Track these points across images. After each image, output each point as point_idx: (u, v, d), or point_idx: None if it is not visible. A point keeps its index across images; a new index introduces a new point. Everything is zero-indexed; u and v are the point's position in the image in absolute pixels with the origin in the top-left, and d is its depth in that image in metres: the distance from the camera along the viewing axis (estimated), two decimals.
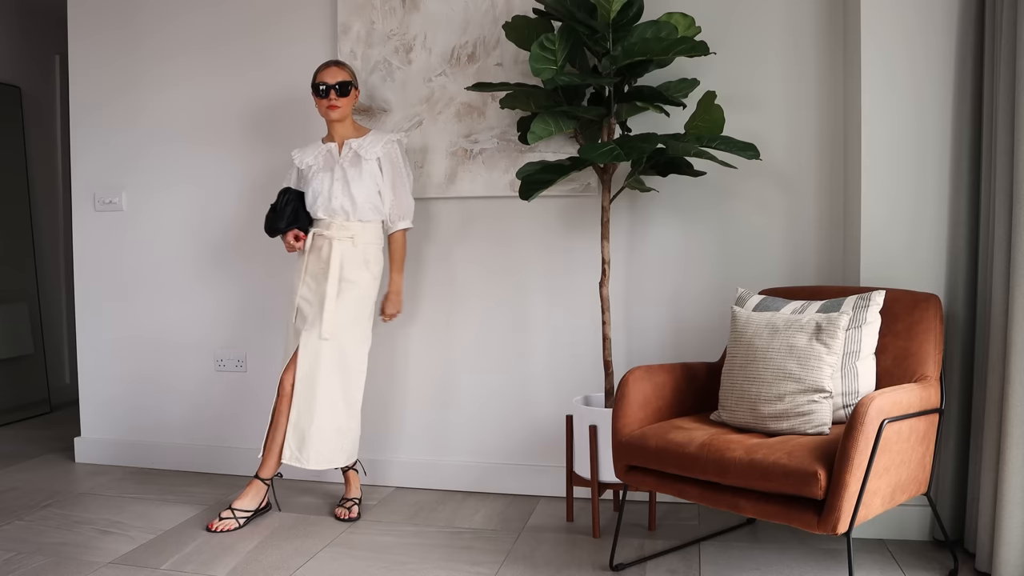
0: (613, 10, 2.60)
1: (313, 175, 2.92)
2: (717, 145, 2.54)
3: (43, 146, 4.87)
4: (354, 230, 2.89)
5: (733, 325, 2.41)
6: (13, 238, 4.57)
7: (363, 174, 2.88)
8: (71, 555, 2.57)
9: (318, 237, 2.91)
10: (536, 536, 2.74)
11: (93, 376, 3.68)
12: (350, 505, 2.95)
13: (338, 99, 2.88)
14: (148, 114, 3.56)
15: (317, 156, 2.96)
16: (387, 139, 2.94)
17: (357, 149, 2.91)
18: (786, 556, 2.53)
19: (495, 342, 3.21)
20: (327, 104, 2.89)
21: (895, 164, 2.62)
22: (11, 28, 4.63)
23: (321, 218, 2.91)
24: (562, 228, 3.14)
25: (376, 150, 2.91)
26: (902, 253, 2.61)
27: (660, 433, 2.27)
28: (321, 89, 2.88)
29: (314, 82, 2.90)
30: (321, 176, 2.91)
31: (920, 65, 2.58)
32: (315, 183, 2.91)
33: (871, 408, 1.94)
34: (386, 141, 2.94)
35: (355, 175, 2.88)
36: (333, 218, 2.89)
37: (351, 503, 2.97)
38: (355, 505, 2.96)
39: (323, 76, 2.89)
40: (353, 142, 2.92)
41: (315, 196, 2.90)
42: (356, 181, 2.87)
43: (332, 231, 2.88)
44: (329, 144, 2.97)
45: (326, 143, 2.98)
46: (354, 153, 2.91)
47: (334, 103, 2.88)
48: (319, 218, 2.92)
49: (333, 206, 2.88)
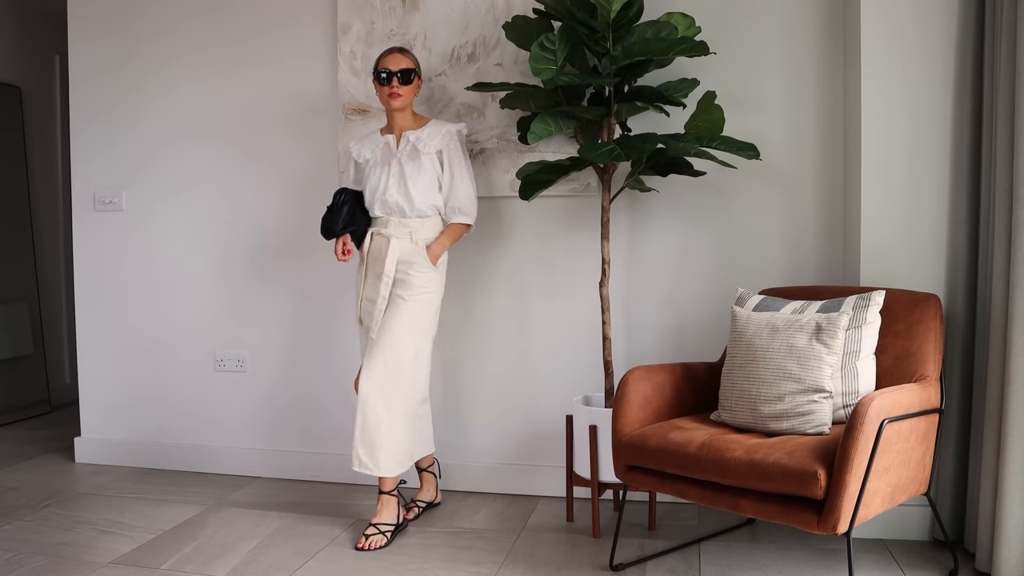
0: (613, 10, 2.60)
1: (370, 170, 2.81)
2: (717, 145, 2.54)
3: (43, 146, 4.87)
4: (412, 226, 2.76)
5: (733, 325, 2.41)
6: (13, 238, 4.57)
7: (421, 168, 2.74)
8: (71, 555, 2.57)
9: (377, 236, 2.79)
10: (536, 536, 2.74)
11: (93, 376, 3.69)
12: (411, 505, 2.95)
13: (400, 87, 2.73)
14: (149, 114, 3.56)
15: (375, 149, 2.83)
16: (446, 130, 2.80)
17: (415, 142, 2.77)
18: (786, 556, 2.53)
19: (495, 342, 3.21)
20: (388, 92, 2.73)
21: (895, 164, 2.62)
22: (11, 28, 4.63)
23: (379, 216, 2.80)
24: (562, 228, 3.14)
25: (435, 142, 2.77)
26: (902, 253, 2.61)
27: (660, 433, 2.27)
28: (383, 76, 2.73)
29: (376, 68, 2.76)
30: (378, 171, 2.78)
31: (920, 65, 2.58)
32: (372, 179, 2.79)
33: (871, 408, 1.94)
34: (445, 132, 2.79)
35: (413, 170, 2.74)
36: (390, 215, 2.77)
37: (415, 505, 2.95)
38: (416, 507, 2.94)
39: (386, 62, 2.75)
40: (411, 134, 2.78)
41: (372, 192, 2.78)
42: (414, 176, 2.74)
43: (390, 228, 2.76)
44: (387, 136, 2.83)
45: (384, 135, 2.85)
46: (411, 146, 2.77)
47: (396, 91, 2.73)
48: (376, 216, 2.81)
49: (389, 202, 2.75)
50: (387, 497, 2.74)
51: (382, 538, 2.66)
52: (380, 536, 2.66)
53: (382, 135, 2.86)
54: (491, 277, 3.21)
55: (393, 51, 2.78)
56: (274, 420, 3.45)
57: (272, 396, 3.45)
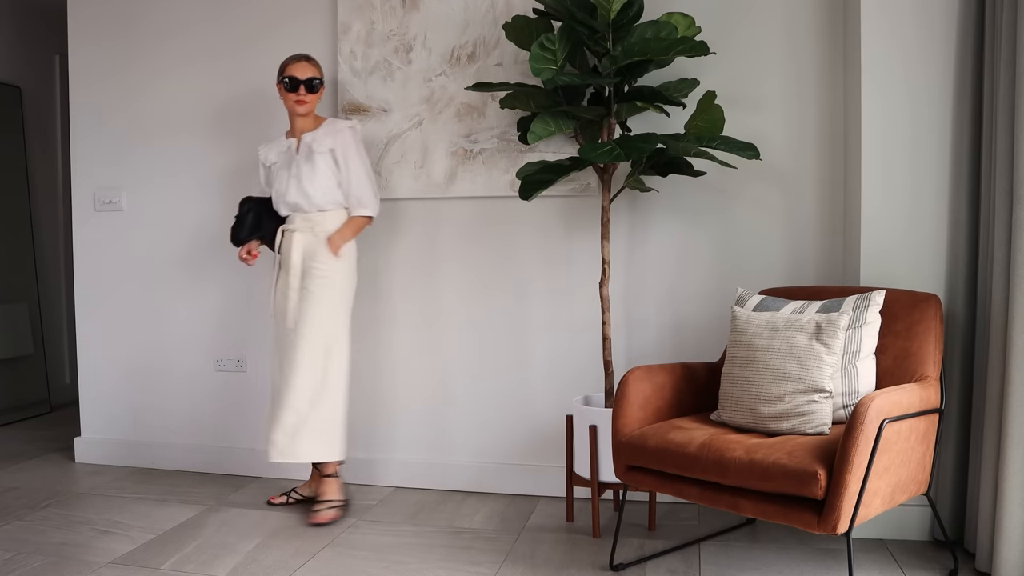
0: (613, 10, 2.60)
1: (276, 172, 2.95)
2: (717, 145, 2.54)
3: (43, 146, 4.87)
4: (314, 220, 2.89)
5: (733, 325, 2.41)
6: (13, 238, 4.57)
7: (316, 168, 2.86)
8: (71, 555, 2.57)
9: (286, 233, 2.93)
10: (536, 536, 2.74)
11: (93, 376, 3.69)
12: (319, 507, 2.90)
13: (307, 95, 2.87)
14: (148, 114, 3.56)
15: (279, 153, 2.97)
16: (337, 129, 2.91)
17: (310, 143, 2.89)
18: (786, 556, 2.53)
19: (495, 342, 3.21)
20: (295, 99, 2.86)
21: (895, 164, 2.62)
22: (11, 28, 4.63)
23: (286, 215, 2.95)
24: (562, 228, 3.14)
25: (328, 141, 2.88)
26: (902, 253, 2.61)
27: (660, 433, 2.27)
28: (290, 83, 2.85)
29: (283, 75, 2.87)
30: (281, 174, 2.93)
31: (920, 65, 2.58)
32: (277, 181, 2.94)
33: (871, 408, 1.94)
34: (336, 131, 2.90)
35: (308, 171, 2.86)
36: (295, 212, 2.92)
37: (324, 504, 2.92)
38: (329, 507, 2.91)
39: (293, 70, 2.86)
40: (307, 136, 2.91)
41: (277, 194, 2.93)
42: (309, 176, 2.86)
43: (295, 224, 2.91)
44: (290, 140, 2.97)
45: (288, 138, 2.98)
46: (307, 147, 2.89)
47: (303, 98, 2.87)
48: (284, 215, 2.95)
49: (290, 202, 2.90)
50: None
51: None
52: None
53: (286, 138, 2.99)
54: (491, 277, 3.21)
55: (300, 59, 2.90)
56: None
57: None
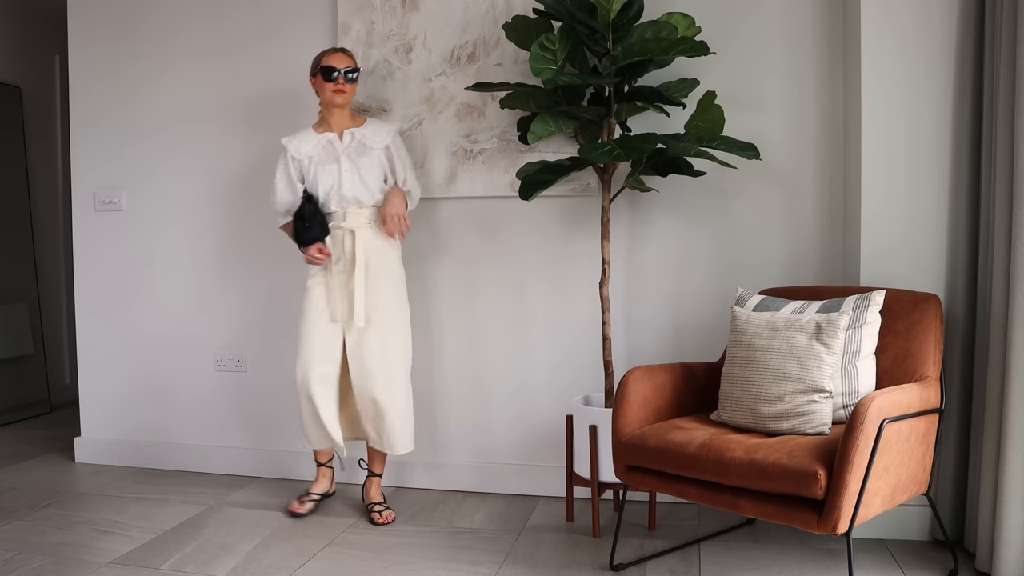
0: (613, 10, 2.60)
1: (316, 167, 2.88)
2: (717, 145, 2.54)
3: (43, 146, 4.87)
4: (371, 215, 2.89)
5: (733, 325, 2.41)
6: (13, 238, 4.57)
7: (372, 163, 2.88)
8: (71, 555, 2.57)
9: (336, 230, 2.89)
10: (536, 536, 2.74)
11: (93, 376, 3.69)
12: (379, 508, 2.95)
13: (346, 84, 2.86)
14: (148, 114, 3.56)
15: (316, 146, 2.91)
16: (389, 129, 2.96)
17: (362, 139, 2.90)
18: (786, 556, 2.53)
19: (495, 342, 3.21)
20: (334, 88, 2.84)
21: (895, 164, 2.62)
22: (11, 28, 4.63)
23: (334, 210, 2.89)
24: (562, 228, 3.14)
25: (382, 138, 2.91)
26: (902, 253, 2.61)
27: (660, 433, 2.27)
28: (332, 74, 2.83)
29: (321, 65, 2.85)
30: (328, 168, 2.87)
31: (920, 65, 2.58)
32: (323, 176, 2.87)
33: (871, 408, 1.94)
34: (389, 130, 2.95)
35: (366, 164, 2.87)
36: (347, 208, 2.87)
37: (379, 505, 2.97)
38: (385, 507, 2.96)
39: (332, 60, 2.85)
40: (356, 131, 2.91)
41: (326, 189, 2.87)
42: (367, 170, 2.87)
43: (349, 221, 2.87)
44: (327, 134, 2.91)
45: (322, 132, 2.92)
46: (358, 143, 2.89)
47: (341, 87, 2.85)
48: (332, 211, 2.89)
49: (347, 196, 2.85)
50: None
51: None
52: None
53: (318, 132, 2.94)
54: (491, 277, 3.21)
55: (338, 50, 2.91)
56: (274, 420, 3.45)
57: (272, 396, 3.45)
